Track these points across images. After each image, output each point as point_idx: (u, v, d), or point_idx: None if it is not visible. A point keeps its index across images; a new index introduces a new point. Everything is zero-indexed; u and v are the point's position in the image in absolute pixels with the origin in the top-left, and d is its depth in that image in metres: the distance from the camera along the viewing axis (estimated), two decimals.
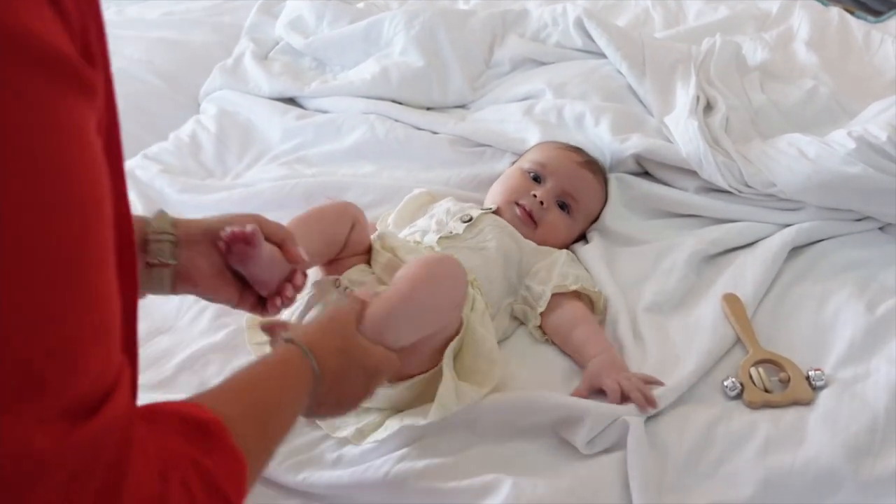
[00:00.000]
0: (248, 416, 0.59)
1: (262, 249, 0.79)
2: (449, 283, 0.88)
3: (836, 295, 1.06)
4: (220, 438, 0.53)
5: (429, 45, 1.56)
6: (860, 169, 1.10)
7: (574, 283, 1.05)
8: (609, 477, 0.85)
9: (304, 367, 0.68)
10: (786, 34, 1.68)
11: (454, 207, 1.14)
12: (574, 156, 1.21)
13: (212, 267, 0.79)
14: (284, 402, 0.66)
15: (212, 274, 0.80)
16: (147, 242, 0.75)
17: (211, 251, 0.79)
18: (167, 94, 1.63)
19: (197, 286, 0.79)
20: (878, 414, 0.89)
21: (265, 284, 0.82)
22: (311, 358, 0.69)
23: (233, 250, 0.79)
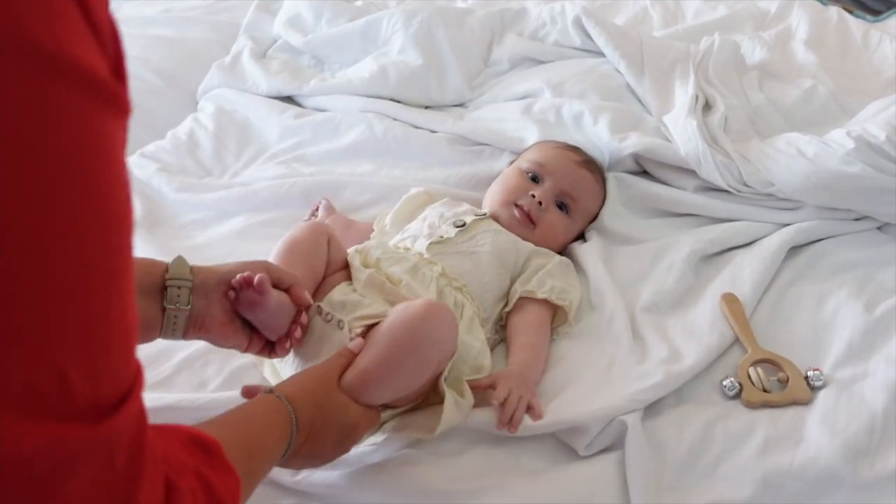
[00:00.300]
0: (238, 444, 0.63)
1: (270, 297, 0.82)
2: (433, 345, 0.84)
3: (835, 295, 1.06)
4: (218, 455, 0.57)
5: (427, 44, 1.56)
6: (859, 168, 1.10)
7: (545, 292, 1.02)
8: (607, 477, 0.85)
9: (283, 416, 0.73)
10: (784, 33, 1.67)
11: (448, 212, 1.13)
12: (572, 155, 1.21)
13: (224, 314, 0.82)
14: (268, 441, 0.70)
15: (224, 322, 0.82)
16: (165, 288, 0.78)
17: (224, 299, 0.82)
18: (165, 92, 1.63)
19: (209, 332, 0.82)
20: (877, 414, 0.89)
21: (273, 330, 0.85)
22: (289, 408, 0.73)
23: (241, 297, 0.81)
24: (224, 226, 1.27)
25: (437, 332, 0.84)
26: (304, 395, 0.76)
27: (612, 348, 1.00)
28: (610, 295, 1.06)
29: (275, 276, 0.85)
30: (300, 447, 0.74)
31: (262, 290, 0.81)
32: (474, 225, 1.10)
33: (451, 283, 1.00)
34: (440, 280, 1.00)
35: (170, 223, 1.30)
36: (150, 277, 0.78)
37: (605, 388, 0.94)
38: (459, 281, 1.01)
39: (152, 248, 1.19)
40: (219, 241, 1.24)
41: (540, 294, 1.03)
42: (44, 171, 0.39)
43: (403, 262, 1.01)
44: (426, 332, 0.84)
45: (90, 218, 0.42)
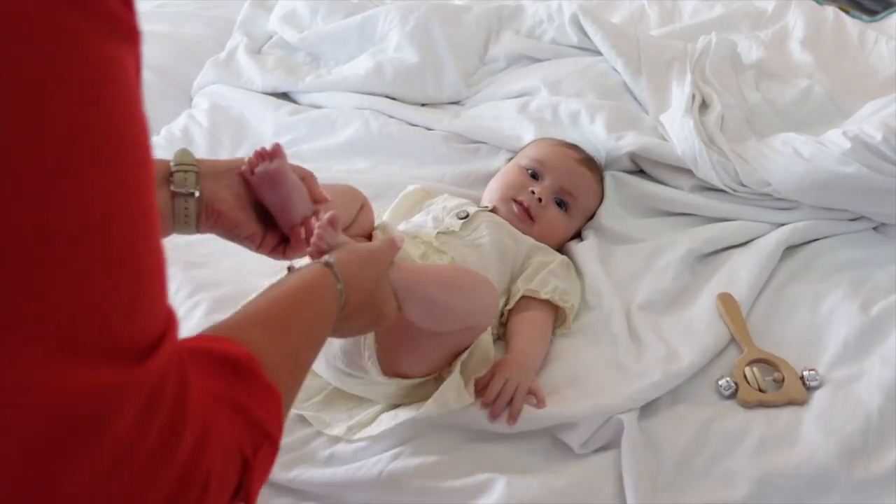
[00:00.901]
0: (282, 346, 0.59)
1: (287, 172, 0.79)
2: (483, 302, 0.88)
3: (831, 295, 1.06)
4: (254, 373, 0.54)
5: (423, 41, 1.56)
6: (855, 168, 1.10)
7: (548, 292, 1.02)
8: (603, 476, 0.85)
9: (333, 296, 0.68)
10: (781, 33, 1.67)
11: (450, 204, 1.13)
12: (572, 153, 1.21)
13: (236, 199, 0.80)
14: (315, 333, 0.66)
15: (236, 207, 0.80)
16: (171, 175, 0.76)
17: (235, 182, 0.80)
18: (159, 88, 1.62)
19: (221, 217, 0.79)
20: (872, 414, 0.89)
21: (289, 218, 0.81)
22: (342, 290, 0.69)
23: (257, 171, 0.78)
24: None
25: (490, 296, 0.88)
26: (358, 277, 0.71)
27: (609, 347, 1.00)
28: (607, 294, 1.06)
29: (294, 168, 0.82)
30: (337, 325, 0.70)
31: (277, 154, 0.78)
32: (477, 216, 1.10)
33: None
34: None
35: None
36: (156, 168, 0.74)
37: (602, 386, 0.93)
38: None
39: None
40: (213, 237, 1.22)
41: (543, 294, 1.02)
42: (58, 99, 0.38)
43: (414, 247, 1.02)
44: (485, 288, 0.88)
45: (109, 147, 0.41)
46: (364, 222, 1.03)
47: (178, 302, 1.10)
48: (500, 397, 0.88)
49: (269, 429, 0.54)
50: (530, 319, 1.02)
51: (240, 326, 0.59)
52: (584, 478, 0.85)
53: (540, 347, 0.99)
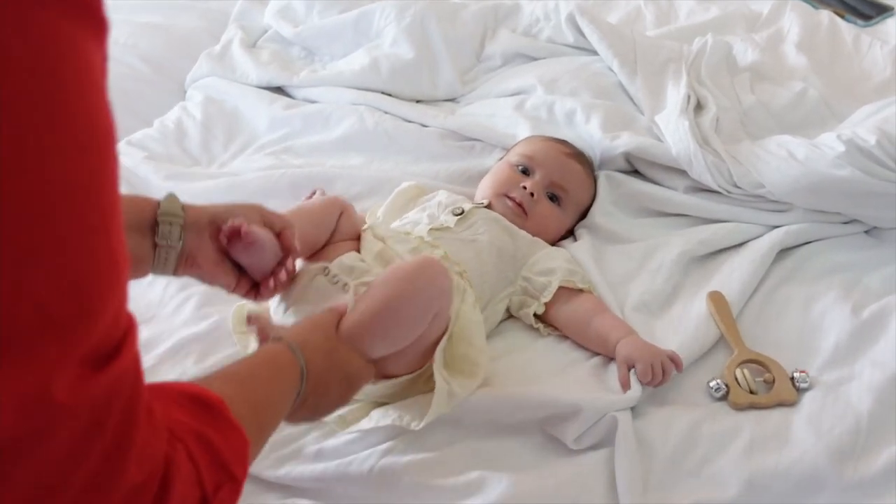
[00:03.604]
0: (244, 399, 0.60)
1: (260, 242, 0.83)
2: (428, 293, 0.85)
3: (822, 297, 1.07)
4: (223, 414, 0.54)
5: (419, 38, 1.55)
6: (849, 172, 1.11)
7: (582, 282, 1.05)
8: (595, 474, 0.85)
9: (292, 366, 0.69)
10: (776, 36, 1.68)
11: (446, 200, 1.13)
12: (561, 147, 1.21)
13: (215, 253, 0.83)
14: (275, 396, 0.67)
15: (215, 260, 0.83)
16: (156, 224, 0.78)
17: (215, 239, 0.82)
18: (152, 80, 1.61)
19: (199, 269, 0.82)
20: (862, 416, 0.89)
21: (261, 271, 0.86)
22: (300, 356, 0.70)
23: (232, 244, 0.82)
24: None
25: (431, 280, 0.86)
26: (313, 342, 0.74)
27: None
28: (602, 294, 1.06)
29: (266, 219, 0.85)
30: (306, 397, 0.71)
31: (249, 240, 0.82)
32: (472, 212, 1.10)
33: (453, 268, 1.00)
34: (443, 261, 0.99)
35: None
36: (142, 213, 0.78)
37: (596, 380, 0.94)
38: (461, 266, 1.01)
39: None
40: None
41: (580, 285, 1.05)
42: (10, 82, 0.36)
43: (405, 244, 1.02)
44: (420, 279, 0.85)
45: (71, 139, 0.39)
46: (347, 228, 1.04)
47: (168, 295, 1.10)
48: (655, 379, 0.92)
49: (234, 470, 0.52)
50: (595, 307, 1.03)
51: (206, 381, 0.59)
52: (575, 476, 0.85)
53: (627, 325, 1.01)
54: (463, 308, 0.96)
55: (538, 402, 0.89)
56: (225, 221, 0.81)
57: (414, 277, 0.85)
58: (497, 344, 1.04)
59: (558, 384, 0.95)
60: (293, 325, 0.81)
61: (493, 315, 1.05)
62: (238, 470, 0.53)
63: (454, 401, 0.88)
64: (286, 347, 0.71)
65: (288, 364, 0.69)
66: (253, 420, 0.59)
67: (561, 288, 1.04)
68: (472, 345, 0.93)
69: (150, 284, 1.11)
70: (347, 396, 0.80)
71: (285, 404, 0.68)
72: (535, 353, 1.03)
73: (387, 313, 0.82)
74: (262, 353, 0.71)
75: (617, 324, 1.01)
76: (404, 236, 1.05)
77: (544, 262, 1.08)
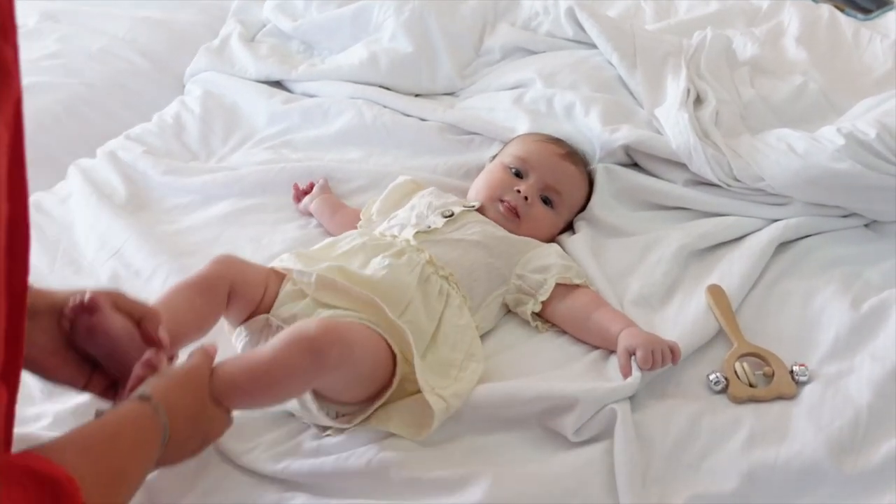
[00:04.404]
0: (100, 476, 0.57)
1: (107, 320, 0.73)
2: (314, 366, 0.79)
3: (822, 291, 1.06)
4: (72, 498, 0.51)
5: (418, 32, 1.55)
6: (848, 165, 1.10)
7: (578, 277, 1.05)
8: (592, 468, 0.85)
9: (155, 430, 0.66)
10: (776, 29, 1.67)
11: (437, 202, 1.12)
12: (555, 148, 1.20)
13: (52, 343, 0.73)
14: (132, 469, 0.63)
15: (52, 352, 0.73)
16: None
17: (53, 327, 0.73)
18: (151, 74, 1.61)
19: (33, 364, 0.72)
20: (861, 410, 0.89)
21: (120, 366, 0.75)
22: (166, 425, 0.66)
23: (77, 324, 0.73)
24: (209, 210, 1.26)
25: (317, 345, 0.79)
26: (179, 407, 0.69)
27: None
28: (600, 287, 1.06)
29: (124, 306, 0.75)
30: (160, 459, 0.68)
31: (93, 308, 0.71)
32: (462, 215, 1.10)
33: (438, 272, 1.00)
34: (427, 267, 0.99)
35: (155, 207, 1.28)
36: None
37: (595, 374, 0.94)
38: (446, 269, 1.01)
39: (136, 232, 1.17)
40: (204, 226, 1.23)
41: (576, 280, 1.04)
42: None
43: (389, 248, 1.00)
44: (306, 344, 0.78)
45: None
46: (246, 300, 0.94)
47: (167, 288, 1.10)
48: (655, 365, 0.92)
49: None
50: (593, 301, 1.02)
51: (61, 450, 0.56)
52: (572, 470, 0.85)
53: (626, 317, 1.01)
54: (447, 313, 0.96)
55: (535, 394, 0.89)
56: (63, 308, 0.72)
57: (305, 344, 0.79)
58: (494, 340, 1.04)
59: (555, 377, 0.94)
60: (167, 377, 0.71)
61: (488, 314, 1.04)
62: None
63: (452, 410, 0.88)
64: (153, 412, 0.66)
65: (151, 434, 0.65)
66: (106, 496, 0.57)
67: (557, 285, 1.03)
68: (457, 349, 0.93)
69: (150, 278, 1.11)
70: (200, 451, 0.76)
71: (141, 476, 0.65)
72: (533, 348, 1.02)
73: (264, 380, 0.78)
74: (127, 416, 0.65)
75: (617, 316, 1.00)
76: (389, 240, 1.04)
77: (538, 260, 1.07)
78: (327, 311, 0.91)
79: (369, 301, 0.91)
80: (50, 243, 1.20)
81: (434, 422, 0.86)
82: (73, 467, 0.53)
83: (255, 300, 0.95)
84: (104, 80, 1.55)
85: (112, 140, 1.40)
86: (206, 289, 0.90)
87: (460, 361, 0.93)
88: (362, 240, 1.03)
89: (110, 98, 1.53)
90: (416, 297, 0.95)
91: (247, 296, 0.93)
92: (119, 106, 1.53)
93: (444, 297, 0.98)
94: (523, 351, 1.02)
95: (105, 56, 1.60)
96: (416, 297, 0.95)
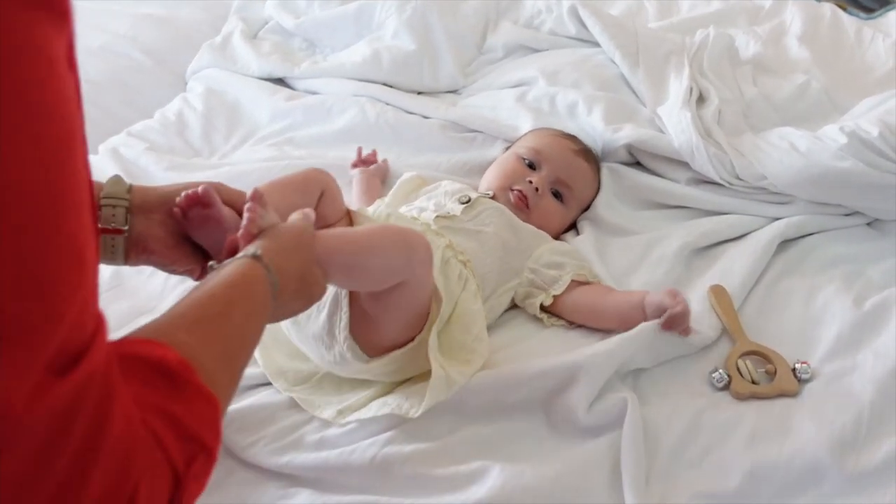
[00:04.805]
0: (215, 348, 0.56)
1: (219, 211, 0.75)
2: (405, 253, 0.83)
3: (824, 289, 1.06)
4: (190, 382, 0.51)
5: (421, 30, 1.55)
6: (851, 164, 1.10)
7: (592, 277, 1.07)
8: (596, 463, 0.85)
9: (265, 291, 0.64)
10: (778, 28, 1.67)
11: (452, 188, 1.13)
12: (569, 143, 1.21)
13: (170, 236, 0.75)
14: (247, 333, 0.62)
15: (170, 244, 0.76)
16: (98, 208, 0.71)
17: (168, 219, 0.75)
18: (153, 72, 1.61)
19: (154, 255, 0.75)
20: (864, 407, 0.89)
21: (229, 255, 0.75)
22: (276, 283, 0.65)
23: (189, 215, 0.75)
24: None
25: (413, 244, 0.83)
26: (289, 266, 0.67)
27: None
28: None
29: (227, 196, 0.77)
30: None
31: (207, 202, 0.74)
32: (478, 202, 1.10)
33: (457, 256, 1.00)
34: (446, 251, 1.00)
35: None
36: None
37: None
38: (464, 255, 1.02)
39: None
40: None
41: (591, 279, 1.07)
42: None
43: (413, 225, 1.01)
44: (404, 240, 0.83)
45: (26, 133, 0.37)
46: (330, 212, 0.96)
47: (170, 287, 1.10)
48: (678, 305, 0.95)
49: (205, 440, 0.51)
50: (604, 288, 1.05)
51: (170, 330, 0.54)
52: (577, 465, 0.85)
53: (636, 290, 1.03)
54: (463, 296, 0.96)
55: (538, 370, 0.89)
56: (176, 199, 0.74)
57: (399, 235, 0.84)
58: (498, 336, 1.04)
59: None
60: (272, 241, 0.68)
61: (496, 306, 1.05)
62: (209, 438, 0.51)
63: (452, 387, 0.88)
64: (263, 272, 0.64)
65: (262, 296, 0.63)
66: (224, 371, 0.56)
67: (572, 281, 1.04)
68: (469, 332, 0.94)
69: (151, 276, 1.11)
70: (301, 310, 0.74)
71: (255, 341, 0.63)
72: (538, 342, 1.02)
73: (360, 252, 0.80)
74: (238, 278, 0.62)
75: (634, 291, 1.03)
76: (411, 220, 1.04)
77: (551, 256, 1.08)
78: None
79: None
80: None
81: (429, 389, 0.85)
82: (186, 347, 0.52)
83: (336, 216, 0.97)
84: (106, 76, 1.55)
85: (114, 137, 1.41)
86: (302, 187, 0.93)
87: (470, 342, 0.93)
88: (387, 211, 1.05)
89: (112, 95, 1.53)
90: (439, 278, 0.95)
91: (330, 207, 0.96)
92: (121, 103, 1.53)
93: (462, 282, 0.98)
94: (528, 346, 1.02)
95: (107, 53, 1.60)
96: (437, 277, 0.95)
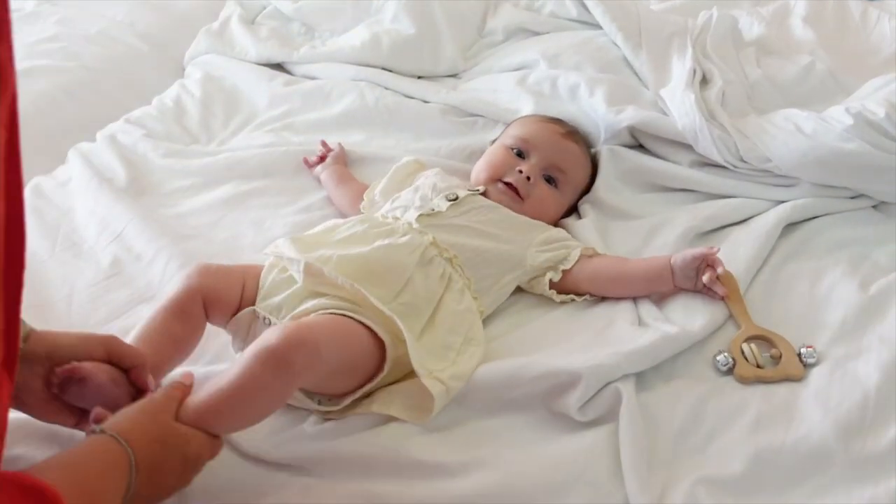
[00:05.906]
0: (77, 493, 0.60)
1: (97, 381, 0.77)
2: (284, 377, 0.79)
3: (830, 273, 1.05)
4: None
5: (420, 13, 1.54)
6: (857, 145, 1.09)
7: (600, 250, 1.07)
8: (598, 451, 0.84)
9: (121, 458, 0.68)
10: (782, 9, 1.66)
11: (441, 184, 1.11)
12: (556, 127, 1.19)
13: (45, 391, 0.76)
14: (108, 486, 0.66)
15: (45, 398, 0.76)
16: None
17: (50, 375, 0.76)
18: (151, 58, 1.60)
19: (23, 406, 0.76)
20: (870, 392, 0.88)
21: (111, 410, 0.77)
22: (127, 448, 0.68)
23: (67, 392, 0.76)
24: (211, 193, 1.25)
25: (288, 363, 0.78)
26: (140, 431, 0.71)
27: (610, 312, 1.01)
28: None
29: (116, 354, 0.79)
30: (141, 487, 0.70)
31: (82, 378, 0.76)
32: (467, 199, 1.08)
33: (442, 254, 0.99)
34: (430, 249, 0.99)
35: (155, 190, 1.27)
36: None
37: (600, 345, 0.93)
38: (451, 251, 1.00)
39: (137, 216, 1.17)
40: (205, 209, 1.22)
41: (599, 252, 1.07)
42: None
43: (390, 235, 1.00)
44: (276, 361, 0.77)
45: None
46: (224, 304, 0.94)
47: (169, 275, 1.09)
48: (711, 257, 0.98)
49: None
50: (619, 258, 1.06)
51: (41, 471, 0.59)
52: (577, 453, 0.84)
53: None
54: (446, 297, 0.95)
55: (539, 372, 0.89)
56: (63, 360, 0.75)
57: (267, 364, 0.77)
58: (500, 322, 1.03)
59: (559, 353, 0.93)
60: (119, 415, 0.74)
61: (498, 298, 1.04)
62: None
63: (453, 393, 0.88)
64: (111, 440, 0.69)
65: (117, 457, 0.68)
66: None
67: (581, 256, 1.04)
68: (457, 333, 0.93)
69: (151, 263, 1.11)
70: (189, 477, 0.76)
71: (118, 496, 0.67)
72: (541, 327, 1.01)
73: (233, 400, 0.77)
74: (93, 444, 0.69)
75: (654, 257, 1.04)
76: (391, 223, 1.03)
77: (555, 239, 1.07)
78: (314, 300, 0.90)
79: (355, 290, 0.89)
80: (50, 228, 1.19)
81: (435, 406, 0.85)
82: (54, 484, 0.56)
83: (233, 303, 0.94)
84: (103, 63, 1.54)
85: (112, 123, 1.40)
86: (181, 312, 0.90)
87: (458, 345, 0.92)
88: (363, 226, 1.02)
89: (109, 81, 1.52)
90: (416, 278, 0.95)
91: (223, 301, 0.93)
92: (118, 89, 1.52)
93: (445, 281, 0.97)
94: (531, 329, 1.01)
95: (104, 39, 1.59)
96: (415, 277, 0.95)
